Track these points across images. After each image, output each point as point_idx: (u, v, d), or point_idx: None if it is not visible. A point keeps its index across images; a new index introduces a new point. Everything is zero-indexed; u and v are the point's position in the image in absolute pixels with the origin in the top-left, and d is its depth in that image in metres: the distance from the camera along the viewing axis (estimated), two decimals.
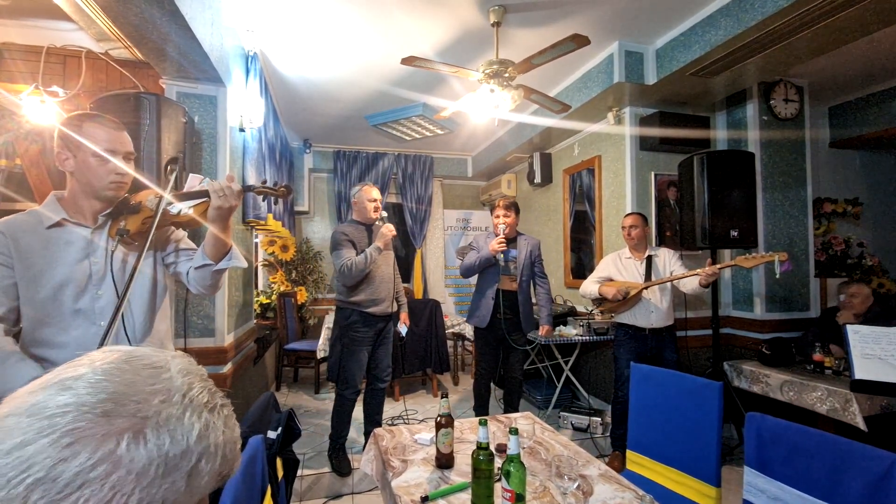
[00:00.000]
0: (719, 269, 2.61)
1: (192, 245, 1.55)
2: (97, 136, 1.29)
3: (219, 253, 1.38)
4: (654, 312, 2.87)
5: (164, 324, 1.50)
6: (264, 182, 1.42)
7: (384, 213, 2.83)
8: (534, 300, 3.25)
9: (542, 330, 3.12)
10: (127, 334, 1.35)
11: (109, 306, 1.31)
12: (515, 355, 3.08)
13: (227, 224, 1.35)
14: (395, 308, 2.98)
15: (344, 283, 2.75)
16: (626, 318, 2.97)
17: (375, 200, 2.82)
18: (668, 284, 2.88)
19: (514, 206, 3.06)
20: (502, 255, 2.97)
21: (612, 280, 3.04)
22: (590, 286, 3.07)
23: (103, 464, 0.37)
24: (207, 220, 1.34)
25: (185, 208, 1.37)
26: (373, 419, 2.92)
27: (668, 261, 2.93)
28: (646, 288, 2.84)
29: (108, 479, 0.37)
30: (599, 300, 3.05)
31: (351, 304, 2.78)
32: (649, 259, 2.95)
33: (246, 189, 1.34)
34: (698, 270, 2.65)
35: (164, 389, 0.43)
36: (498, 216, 3.01)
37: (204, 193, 1.35)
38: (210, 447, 0.43)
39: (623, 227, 3.02)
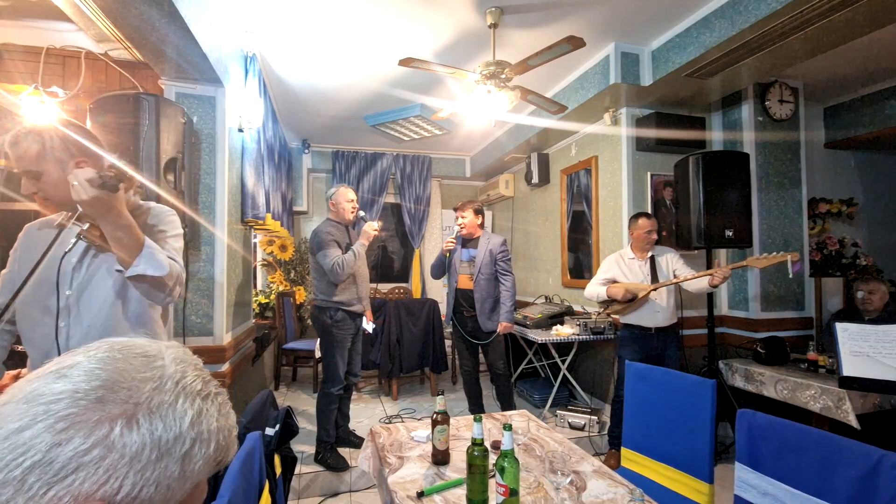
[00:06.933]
0: (731, 269, 2.66)
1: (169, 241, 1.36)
2: None
3: (121, 257, 1.18)
4: (659, 312, 2.89)
5: (146, 329, 1.35)
6: (111, 166, 1.22)
7: (362, 213, 2.96)
8: None
9: (500, 326, 3.07)
10: (58, 341, 1.22)
11: (74, 306, 1.27)
12: (493, 351, 3.14)
13: (106, 221, 1.13)
14: None
15: (335, 281, 2.79)
16: (632, 318, 2.97)
17: (352, 201, 2.94)
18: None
19: (471, 207, 3.17)
20: (450, 255, 3.15)
21: (616, 282, 3.04)
22: (596, 288, 3.06)
23: (97, 448, 0.38)
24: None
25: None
26: (346, 414, 3.11)
27: (670, 260, 2.95)
28: (654, 290, 2.85)
29: (102, 463, 0.38)
30: (607, 302, 3.05)
31: (335, 303, 2.83)
32: (652, 259, 2.97)
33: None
34: (711, 271, 2.68)
35: (155, 377, 0.44)
36: (456, 217, 3.18)
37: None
38: (203, 433, 0.45)
39: (639, 229, 2.94)
